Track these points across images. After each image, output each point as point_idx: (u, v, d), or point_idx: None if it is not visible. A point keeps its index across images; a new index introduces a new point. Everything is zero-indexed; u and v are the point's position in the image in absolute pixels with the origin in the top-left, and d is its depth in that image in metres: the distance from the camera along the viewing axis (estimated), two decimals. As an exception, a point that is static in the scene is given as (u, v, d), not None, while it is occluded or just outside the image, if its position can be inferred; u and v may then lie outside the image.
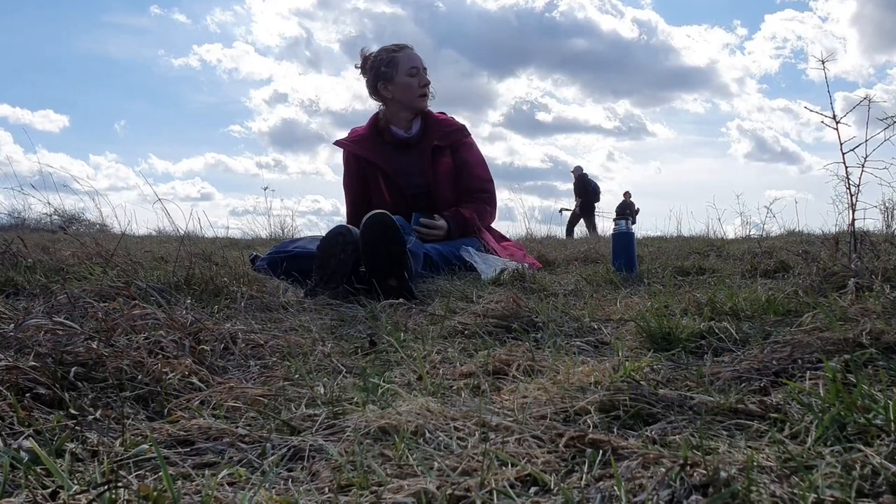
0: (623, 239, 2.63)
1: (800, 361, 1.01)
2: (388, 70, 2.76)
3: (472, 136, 2.94)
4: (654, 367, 1.05)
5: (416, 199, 2.76)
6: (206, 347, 1.12)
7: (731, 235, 5.27)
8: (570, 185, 14.00)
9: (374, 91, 2.83)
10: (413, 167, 2.79)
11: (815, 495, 0.53)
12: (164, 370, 0.95)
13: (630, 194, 15.08)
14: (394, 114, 2.82)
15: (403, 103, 2.79)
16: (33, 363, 0.89)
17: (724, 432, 0.75)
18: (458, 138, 2.85)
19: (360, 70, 2.87)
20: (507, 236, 3.22)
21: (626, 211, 14.59)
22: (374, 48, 2.87)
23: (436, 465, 0.65)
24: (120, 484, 0.59)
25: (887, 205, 3.77)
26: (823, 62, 1.94)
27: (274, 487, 0.62)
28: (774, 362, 1.02)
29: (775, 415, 0.77)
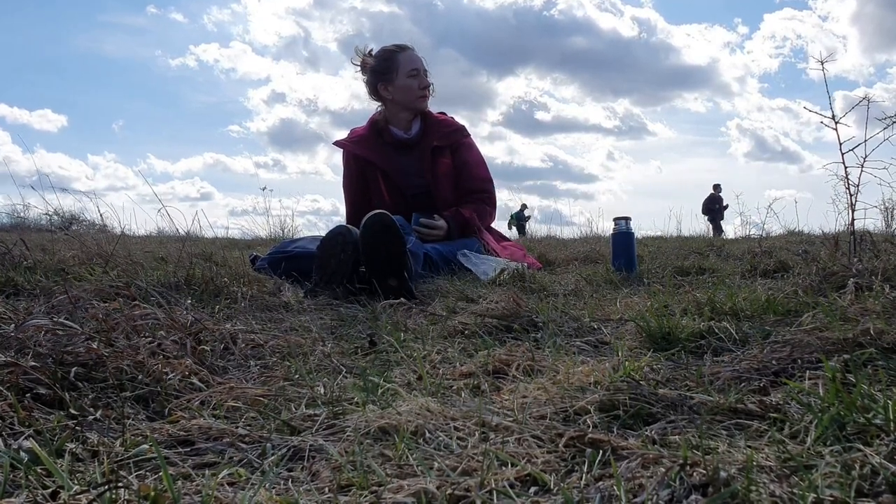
0: (623, 239, 2.64)
1: (799, 361, 1.02)
2: (388, 71, 2.75)
3: (472, 136, 2.94)
4: (654, 366, 1.05)
5: (416, 200, 2.76)
6: (206, 348, 1.12)
7: (730, 235, 5.27)
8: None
9: (374, 92, 2.82)
10: (413, 167, 2.79)
11: (815, 495, 0.53)
12: (164, 370, 0.95)
13: (720, 188, 14.03)
14: (393, 114, 2.82)
15: (403, 104, 2.79)
16: (34, 363, 0.89)
17: (724, 432, 0.75)
18: (457, 138, 2.85)
19: (359, 69, 2.87)
20: (507, 236, 3.22)
21: (716, 206, 13.51)
22: (372, 46, 2.87)
23: (436, 464, 0.65)
24: (120, 484, 0.59)
25: (887, 205, 3.77)
26: (822, 63, 1.94)
27: (274, 487, 0.62)
28: (774, 362, 1.02)
29: (775, 414, 0.78)
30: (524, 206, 16.39)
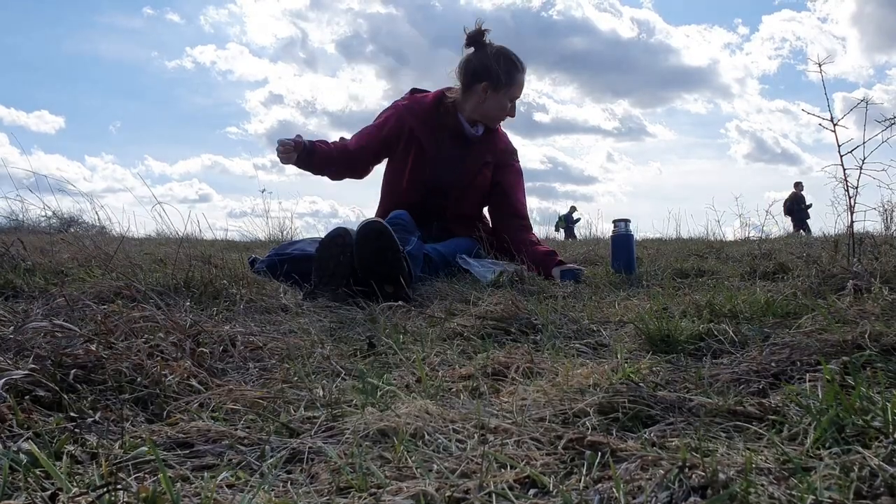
0: (622, 241, 2.64)
1: (798, 363, 1.02)
2: (500, 79, 2.62)
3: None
4: (653, 368, 1.05)
5: (431, 194, 2.67)
6: (205, 350, 1.12)
7: (730, 237, 5.26)
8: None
9: (472, 80, 2.65)
10: (453, 161, 2.68)
11: (814, 497, 0.53)
12: (163, 372, 0.95)
13: (801, 186, 12.93)
14: (465, 107, 2.68)
15: (482, 113, 2.67)
16: (33, 365, 0.89)
17: (723, 434, 0.75)
18: (505, 159, 2.77)
19: (468, 42, 2.67)
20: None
21: (799, 205, 12.56)
22: (487, 30, 2.64)
23: (435, 467, 0.65)
24: (119, 486, 0.59)
25: (886, 207, 3.77)
26: (820, 65, 1.94)
27: (273, 490, 0.62)
28: (773, 364, 1.02)
29: (774, 417, 0.78)
30: (573, 209, 15.94)
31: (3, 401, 0.79)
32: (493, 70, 2.62)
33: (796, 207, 12.55)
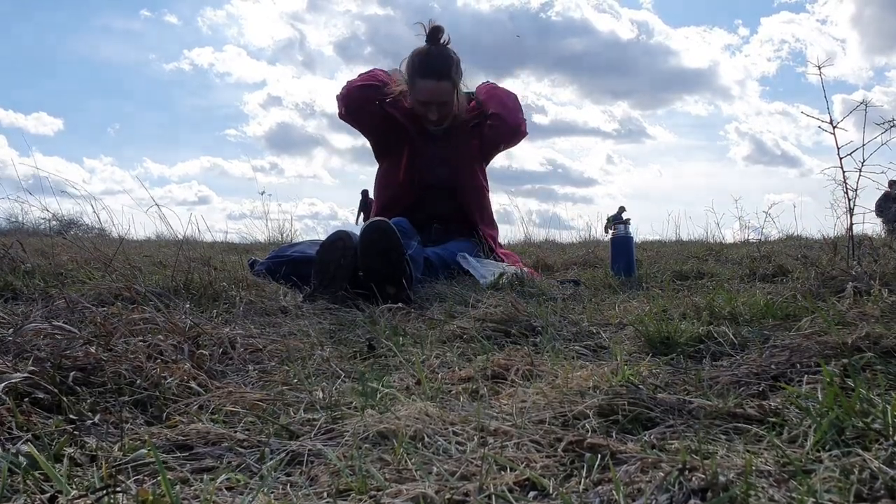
0: (622, 243, 2.64)
1: (798, 366, 1.02)
2: (410, 83, 2.62)
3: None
4: (653, 371, 1.05)
5: (425, 192, 2.67)
6: (204, 352, 1.12)
7: (729, 240, 5.26)
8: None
9: None
10: (433, 158, 2.68)
11: (814, 499, 0.53)
12: (162, 375, 0.95)
13: None
14: None
15: None
16: (32, 368, 0.89)
17: (723, 436, 0.75)
18: (481, 119, 2.73)
19: (426, 40, 2.68)
20: (506, 241, 3.20)
21: (893, 207, 11.95)
22: (438, 25, 2.63)
23: (434, 469, 0.65)
24: (118, 489, 0.59)
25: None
26: (820, 67, 1.94)
27: (272, 492, 0.62)
28: (773, 366, 1.02)
29: (774, 419, 0.78)
30: (622, 209, 15.74)
31: (3, 403, 0.78)
32: (406, 70, 2.64)
33: (891, 207, 11.94)
